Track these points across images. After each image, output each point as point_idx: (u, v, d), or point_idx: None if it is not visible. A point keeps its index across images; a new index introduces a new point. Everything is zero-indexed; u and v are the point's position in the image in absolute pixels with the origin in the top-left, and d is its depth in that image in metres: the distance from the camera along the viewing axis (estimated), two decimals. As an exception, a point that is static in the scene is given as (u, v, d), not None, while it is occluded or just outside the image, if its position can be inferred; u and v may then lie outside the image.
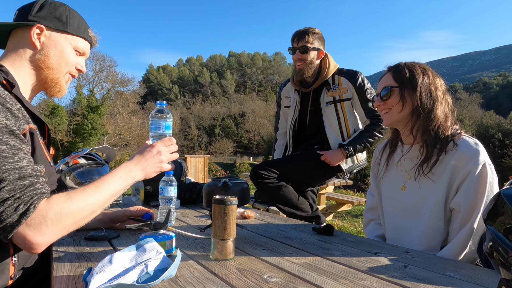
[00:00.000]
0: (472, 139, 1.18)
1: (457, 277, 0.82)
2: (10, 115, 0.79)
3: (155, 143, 1.02)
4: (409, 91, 1.23)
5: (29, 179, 0.75)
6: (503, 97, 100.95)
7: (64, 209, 0.76)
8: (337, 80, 2.06)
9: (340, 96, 2.05)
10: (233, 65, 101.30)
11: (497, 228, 0.57)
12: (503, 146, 30.61)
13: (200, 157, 10.62)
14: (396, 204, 1.32)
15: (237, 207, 0.98)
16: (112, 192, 0.88)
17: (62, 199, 0.77)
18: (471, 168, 1.12)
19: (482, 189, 1.10)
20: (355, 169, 2.22)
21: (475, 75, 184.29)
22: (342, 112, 2.06)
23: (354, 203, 4.86)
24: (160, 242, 0.92)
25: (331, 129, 2.09)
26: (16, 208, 0.70)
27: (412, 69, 1.25)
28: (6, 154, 0.74)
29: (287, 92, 2.29)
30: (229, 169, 20.74)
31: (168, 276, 0.77)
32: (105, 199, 0.86)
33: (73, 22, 1.04)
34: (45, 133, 1.01)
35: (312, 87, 2.11)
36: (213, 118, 65.99)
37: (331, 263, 0.92)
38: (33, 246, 0.73)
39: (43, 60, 0.98)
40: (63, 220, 0.75)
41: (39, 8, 0.99)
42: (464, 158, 1.14)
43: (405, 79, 1.24)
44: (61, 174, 1.92)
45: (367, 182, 10.50)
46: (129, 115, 31.38)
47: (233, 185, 1.21)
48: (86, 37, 1.08)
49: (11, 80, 0.89)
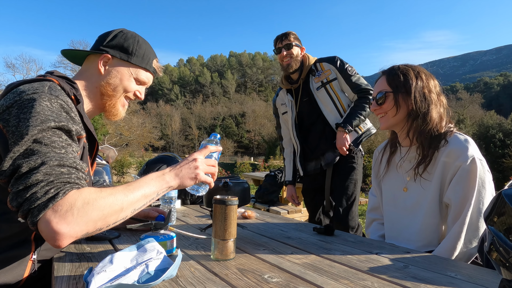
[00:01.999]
0: (462, 136, 1.20)
1: (458, 277, 0.82)
2: (72, 122, 0.86)
3: (193, 153, 0.99)
4: (403, 96, 1.24)
5: (68, 168, 0.76)
6: (504, 97, 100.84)
7: (93, 200, 0.74)
8: (320, 66, 2.29)
9: (326, 79, 2.25)
10: (233, 65, 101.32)
11: (498, 228, 0.57)
12: (504, 146, 30.56)
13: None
14: (397, 204, 1.33)
15: (237, 207, 0.98)
16: (144, 193, 0.84)
17: (92, 190, 0.76)
18: (461, 163, 1.13)
19: (472, 184, 1.11)
20: (363, 138, 2.28)
21: (476, 75, 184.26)
22: (333, 92, 2.24)
23: (355, 203, 4.85)
24: (161, 242, 0.92)
25: (327, 110, 2.25)
26: (46, 192, 0.70)
27: (406, 73, 1.25)
28: (56, 144, 0.78)
29: (281, 100, 2.49)
30: (229, 169, 20.76)
31: (169, 276, 0.77)
32: (136, 198, 0.82)
33: (138, 53, 1.12)
34: (93, 150, 1.09)
35: (301, 78, 2.30)
36: (214, 118, 66.05)
37: (332, 263, 0.92)
38: (57, 235, 0.69)
39: (104, 86, 1.08)
40: (90, 211, 0.73)
41: (111, 38, 1.10)
42: (454, 154, 1.15)
43: (399, 83, 1.25)
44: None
45: (367, 182, 10.50)
46: (130, 115, 31.37)
47: (234, 185, 1.21)
48: (149, 68, 1.16)
49: (78, 97, 0.97)
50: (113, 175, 5.15)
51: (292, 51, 2.25)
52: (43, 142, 0.76)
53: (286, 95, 2.41)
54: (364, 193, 9.71)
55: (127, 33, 1.13)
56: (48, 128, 0.78)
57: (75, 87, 0.99)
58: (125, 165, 15.76)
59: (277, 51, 2.31)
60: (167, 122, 57.98)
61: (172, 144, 57.34)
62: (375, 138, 31.29)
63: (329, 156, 2.26)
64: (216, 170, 1.00)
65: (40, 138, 0.76)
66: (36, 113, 0.79)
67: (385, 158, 1.40)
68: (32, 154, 0.74)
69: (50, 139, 0.78)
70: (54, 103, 0.84)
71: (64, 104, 0.87)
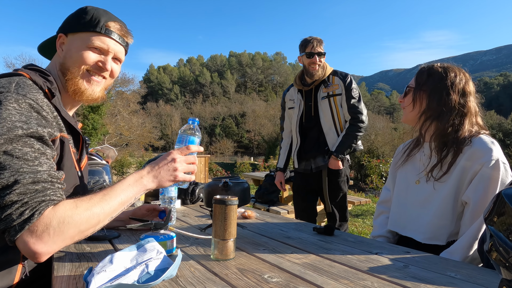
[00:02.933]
0: (488, 138, 1.19)
1: (458, 277, 0.82)
2: (44, 122, 0.81)
3: (172, 151, 0.97)
4: (421, 94, 1.26)
5: (42, 185, 0.74)
6: (504, 97, 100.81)
7: (68, 218, 0.74)
8: (332, 79, 2.47)
9: (333, 92, 2.44)
10: (233, 65, 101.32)
11: (498, 228, 0.57)
12: (504, 146, 30.60)
13: (200, 157, 10.62)
14: (408, 196, 1.33)
15: (237, 207, 0.98)
16: (121, 201, 0.84)
17: (68, 207, 0.75)
18: (484, 162, 1.12)
19: (494, 185, 1.10)
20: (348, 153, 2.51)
21: (476, 75, 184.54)
22: (335, 105, 2.44)
23: (355, 203, 4.85)
24: (160, 242, 0.92)
25: (325, 119, 2.46)
26: (21, 213, 0.70)
27: (431, 72, 1.27)
28: (28, 156, 0.74)
29: (290, 96, 2.66)
30: (229, 169, 20.75)
31: (169, 276, 0.77)
32: (112, 209, 0.82)
33: (85, 19, 0.99)
34: (79, 143, 1.03)
35: (314, 84, 2.47)
36: (214, 118, 66.04)
37: (332, 263, 0.92)
38: (35, 254, 0.71)
39: (62, 64, 1.01)
40: (66, 229, 0.73)
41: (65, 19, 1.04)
42: (478, 154, 1.14)
43: (422, 81, 1.27)
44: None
45: (367, 182, 10.50)
46: (130, 115, 31.38)
47: (234, 185, 1.21)
48: (100, 30, 1.00)
49: (53, 90, 0.91)
50: (113, 175, 5.15)
51: (322, 60, 2.41)
52: (14, 154, 0.72)
53: (297, 94, 2.59)
54: (364, 192, 9.71)
55: (82, 8, 1.04)
56: (17, 137, 0.74)
57: (49, 80, 0.93)
58: (125, 165, 15.77)
59: (308, 55, 2.39)
60: (167, 122, 57.99)
61: (172, 144, 57.35)
62: (375, 138, 31.27)
63: (319, 161, 2.49)
64: (196, 166, 0.98)
65: (10, 150, 0.72)
66: (2, 119, 0.74)
67: (408, 150, 1.41)
68: (3, 169, 0.71)
69: (21, 151, 0.74)
70: (22, 103, 0.79)
71: (34, 103, 0.81)
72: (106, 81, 1.08)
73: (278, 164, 2.79)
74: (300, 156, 2.59)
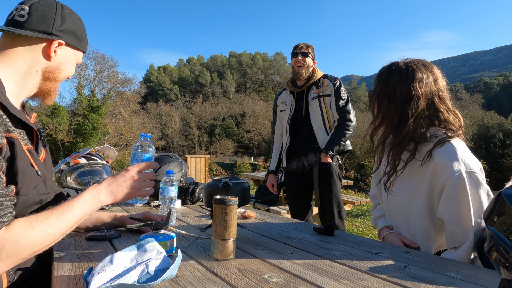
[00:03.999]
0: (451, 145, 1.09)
1: (458, 277, 0.82)
2: None
3: (131, 167, 0.97)
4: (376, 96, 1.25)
5: None
6: (504, 97, 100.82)
7: (23, 241, 0.72)
8: (322, 81, 2.64)
9: (323, 92, 2.60)
10: (233, 65, 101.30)
11: (498, 228, 0.57)
12: (504, 146, 30.57)
13: (200, 157, 10.63)
14: (390, 201, 1.29)
15: (238, 207, 0.98)
16: (77, 219, 0.84)
17: (22, 229, 0.73)
18: (447, 178, 1.04)
19: (464, 199, 1.03)
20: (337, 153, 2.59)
21: (476, 75, 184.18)
22: (324, 105, 2.58)
23: (355, 203, 4.85)
24: (161, 242, 0.92)
25: (315, 119, 2.59)
26: None
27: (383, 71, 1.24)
28: None
29: (282, 99, 2.79)
30: (229, 169, 20.75)
31: (169, 276, 0.77)
32: (68, 227, 0.82)
33: (85, 38, 1.06)
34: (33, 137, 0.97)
35: (306, 86, 2.63)
36: (214, 118, 66.01)
37: (332, 263, 0.92)
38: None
39: (54, 72, 0.98)
40: (20, 252, 0.72)
41: (61, 21, 0.97)
42: (440, 168, 1.07)
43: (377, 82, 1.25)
44: (61, 174, 1.92)
45: (367, 182, 10.50)
46: (130, 115, 31.40)
47: (234, 185, 1.21)
48: (86, 51, 1.09)
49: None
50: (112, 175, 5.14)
51: (306, 60, 2.56)
52: None
53: (289, 95, 2.73)
54: (364, 192, 9.71)
55: (72, 13, 1.01)
56: None
57: None
58: (125, 165, 15.78)
59: (293, 55, 2.61)
60: (167, 122, 57.99)
61: (172, 144, 57.35)
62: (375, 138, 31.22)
63: (311, 157, 2.58)
64: (153, 183, 1.00)
65: None
66: None
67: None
68: None
69: None
70: None
71: None
72: None
73: (270, 167, 2.88)
74: (290, 155, 2.68)
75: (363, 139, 1.36)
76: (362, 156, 13.33)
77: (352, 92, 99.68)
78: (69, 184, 1.89)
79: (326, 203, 2.54)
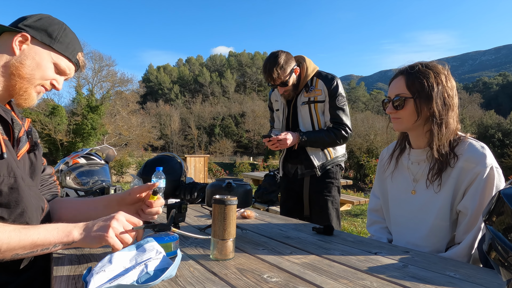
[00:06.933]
0: (478, 143, 1.18)
1: (457, 276, 0.82)
2: None
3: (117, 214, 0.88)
4: (424, 102, 1.18)
5: None
6: (503, 96, 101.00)
7: None
8: (315, 82, 2.17)
9: (314, 98, 2.16)
10: (233, 65, 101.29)
11: (497, 227, 0.57)
12: (503, 146, 30.65)
13: (200, 157, 10.63)
14: (404, 207, 1.30)
15: (240, 209, 0.98)
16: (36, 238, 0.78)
17: None
18: (479, 171, 1.11)
19: (489, 192, 1.10)
20: (329, 165, 2.24)
21: (475, 75, 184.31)
22: (315, 112, 2.18)
23: (354, 203, 4.86)
24: (166, 244, 0.91)
25: (304, 128, 2.22)
26: None
27: (427, 76, 1.19)
28: None
29: (275, 96, 2.42)
30: (229, 169, 20.73)
31: (168, 276, 0.77)
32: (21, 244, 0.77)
33: (63, 40, 1.02)
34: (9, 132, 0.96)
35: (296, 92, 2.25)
36: (213, 118, 65.99)
37: (331, 263, 0.92)
38: None
39: (17, 67, 0.96)
40: None
41: (36, 20, 0.99)
42: (472, 161, 1.14)
43: (420, 88, 1.19)
44: (61, 174, 1.92)
45: (367, 182, 10.49)
46: (129, 115, 31.36)
47: (237, 187, 1.21)
48: (72, 59, 1.05)
49: None
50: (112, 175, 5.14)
51: (288, 86, 2.12)
52: None
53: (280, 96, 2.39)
54: (363, 192, 9.71)
55: (53, 19, 1.02)
56: None
57: None
58: (125, 165, 15.75)
59: (272, 88, 2.23)
60: (166, 122, 57.97)
61: (172, 144, 57.32)
62: (375, 138, 31.29)
63: (301, 169, 2.27)
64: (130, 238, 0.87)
65: None
66: None
67: (394, 158, 1.37)
68: None
69: None
70: None
71: None
72: None
73: None
74: (286, 159, 2.40)
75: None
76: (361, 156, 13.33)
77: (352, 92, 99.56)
78: (68, 184, 1.89)
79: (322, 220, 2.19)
